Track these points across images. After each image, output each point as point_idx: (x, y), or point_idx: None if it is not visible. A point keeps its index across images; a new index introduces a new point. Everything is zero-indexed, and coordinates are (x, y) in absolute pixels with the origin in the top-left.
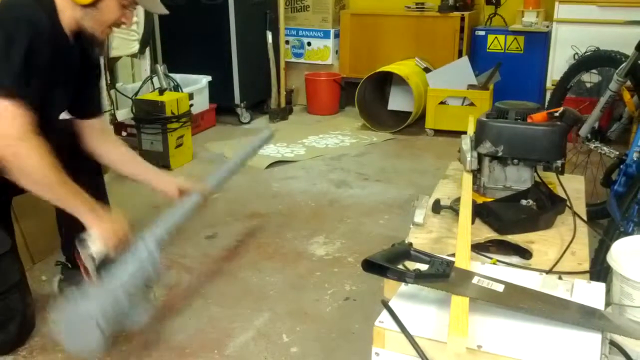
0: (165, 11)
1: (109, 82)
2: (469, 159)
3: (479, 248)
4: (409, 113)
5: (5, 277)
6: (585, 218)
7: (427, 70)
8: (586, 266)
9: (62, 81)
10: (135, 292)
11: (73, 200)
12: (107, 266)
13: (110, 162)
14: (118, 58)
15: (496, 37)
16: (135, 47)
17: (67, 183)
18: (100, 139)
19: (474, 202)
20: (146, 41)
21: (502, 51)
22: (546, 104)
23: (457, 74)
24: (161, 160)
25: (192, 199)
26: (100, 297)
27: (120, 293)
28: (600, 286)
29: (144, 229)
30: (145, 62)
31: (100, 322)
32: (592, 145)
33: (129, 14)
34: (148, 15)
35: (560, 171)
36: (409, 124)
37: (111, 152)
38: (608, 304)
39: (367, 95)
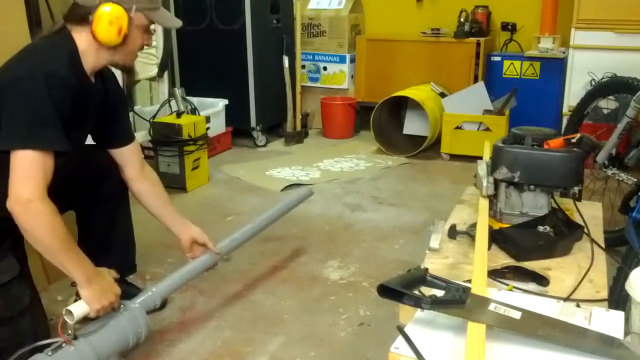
0: (180, 23)
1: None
2: (485, 184)
3: (495, 274)
4: (424, 137)
5: (15, 301)
6: (603, 245)
7: (442, 95)
8: (604, 294)
9: (80, 121)
10: (110, 356)
11: (71, 269)
12: (88, 329)
13: (141, 197)
14: (137, 81)
15: (512, 63)
16: (154, 70)
17: (69, 250)
18: (140, 175)
19: (490, 227)
20: (165, 65)
21: (518, 77)
22: (562, 130)
23: (473, 99)
24: (177, 183)
25: (202, 260)
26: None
27: (91, 356)
28: (619, 315)
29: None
30: (164, 86)
31: None
32: (609, 172)
33: (149, 36)
34: (167, 40)
35: (578, 197)
36: (424, 148)
37: (148, 190)
38: (627, 332)
39: (382, 119)
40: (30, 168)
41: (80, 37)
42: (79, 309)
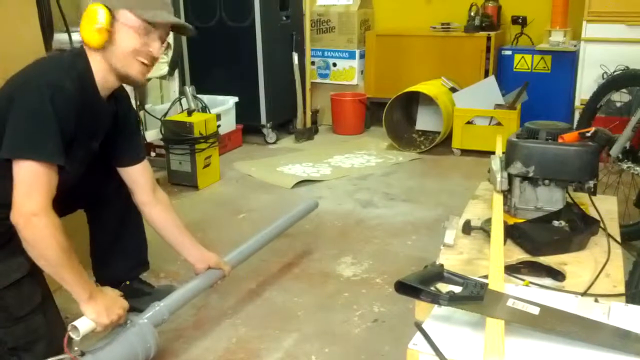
0: (194, 32)
1: (138, 103)
2: (499, 179)
3: (510, 269)
4: (435, 133)
5: (26, 300)
6: (619, 239)
7: (453, 90)
8: (621, 289)
9: (85, 140)
10: None
11: (73, 284)
12: (95, 345)
13: (155, 225)
14: (147, 80)
15: (523, 57)
16: (165, 69)
17: (71, 265)
18: (152, 200)
19: (505, 223)
20: (175, 63)
21: (529, 71)
22: (575, 123)
23: (484, 93)
24: (189, 180)
25: (212, 275)
26: None
27: None
28: (638, 309)
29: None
30: (174, 84)
31: None
32: (624, 166)
33: (152, 43)
34: (177, 38)
35: (593, 192)
36: (436, 144)
37: (159, 217)
38: None
39: (393, 115)
40: (35, 180)
41: (94, 58)
42: (84, 324)
